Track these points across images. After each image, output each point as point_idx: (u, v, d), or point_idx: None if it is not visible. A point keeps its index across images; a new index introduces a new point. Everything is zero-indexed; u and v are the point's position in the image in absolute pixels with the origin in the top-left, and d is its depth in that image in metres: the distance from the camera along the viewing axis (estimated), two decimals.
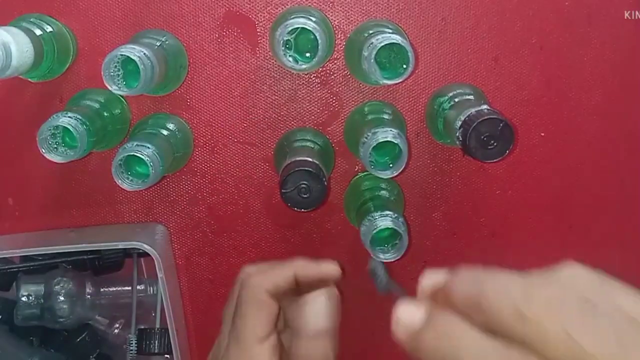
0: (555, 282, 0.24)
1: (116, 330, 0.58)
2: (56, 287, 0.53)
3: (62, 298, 0.53)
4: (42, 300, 0.53)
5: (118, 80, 0.43)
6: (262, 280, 0.38)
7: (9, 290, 0.55)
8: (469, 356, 0.23)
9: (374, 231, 0.46)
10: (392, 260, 0.48)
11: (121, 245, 0.50)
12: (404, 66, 0.44)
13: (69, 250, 0.52)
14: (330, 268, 0.38)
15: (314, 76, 0.54)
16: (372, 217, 0.47)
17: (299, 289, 0.38)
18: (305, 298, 0.37)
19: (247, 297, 0.38)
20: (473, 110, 0.44)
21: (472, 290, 0.24)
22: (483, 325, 0.24)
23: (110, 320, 0.57)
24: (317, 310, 0.37)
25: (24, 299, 0.53)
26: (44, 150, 0.45)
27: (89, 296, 0.55)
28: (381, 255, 0.48)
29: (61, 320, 0.53)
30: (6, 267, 0.53)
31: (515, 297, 0.23)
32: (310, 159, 0.46)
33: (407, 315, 0.27)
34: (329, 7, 0.53)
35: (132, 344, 0.54)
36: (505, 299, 0.23)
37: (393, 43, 0.43)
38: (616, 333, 0.22)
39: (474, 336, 0.24)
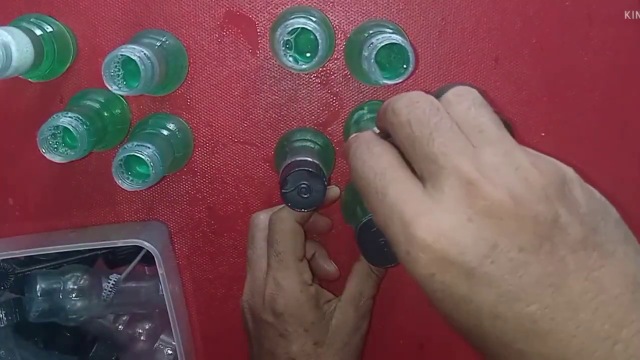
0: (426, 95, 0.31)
1: (121, 327, 0.58)
2: (68, 283, 0.53)
3: (74, 295, 0.53)
4: (54, 297, 0.53)
5: (118, 80, 0.43)
6: (290, 213, 0.49)
7: (20, 293, 0.55)
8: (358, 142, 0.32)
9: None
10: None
11: (120, 243, 0.50)
12: (404, 66, 0.44)
13: (71, 250, 0.51)
14: (332, 191, 0.52)
15: (314, 76, 0.54)
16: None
17: None
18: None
19: (282, 228, 0.48)
20: None
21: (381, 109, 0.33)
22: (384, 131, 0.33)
23: (115, 316, 0.58)
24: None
25: (36, 295, 0.53)
26: (44, 150, 0.45)
27: (102, 294, 0.55)
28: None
29: (73, 317, 0.53)
30: (22, 270, 0.53)
31: (392, 101, 0.31)
32: (310, 159, 0.46)
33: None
34: (329, 7, 0.53)
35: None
36: (387, 104, 0.32)
37: (393, 43, 0.43)
38: (425, 117, 0.29)
39: (370, 134, 0.33)
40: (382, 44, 0.42)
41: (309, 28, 0.43)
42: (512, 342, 0.27)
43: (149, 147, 0.45)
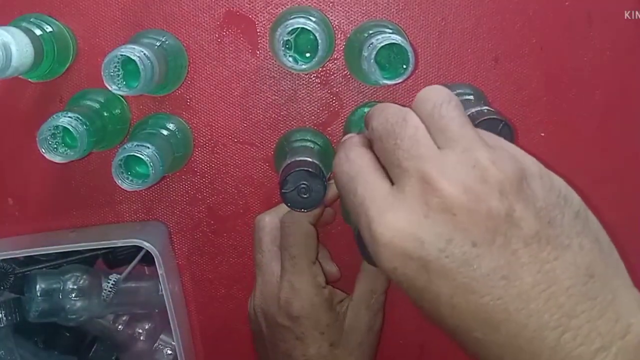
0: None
1: (120, 327, 0.58)
2: (68, 283, 0.53)
3: (74, 295, 0.53)
4: (54, 297, 0.53)
5: (118, 80, 0.43)
6: (303, 215, 0.47)
7: (20, 293, 0.54)
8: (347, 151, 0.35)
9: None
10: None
11: (120, 243, 0.50)
12: (404, 66, 0.44)
13: (71, 250, 0.51)
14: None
15: (314, 76, 0.54)
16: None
17: None
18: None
19: (296, 231, 0.48)
20: (473, 110, 0.44)
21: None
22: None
23: (115, 316, 0.58)
24: None
25: (36, 295, 0.53)
26: (44, 150, 0.45)
27: (102, 294, 0.55)
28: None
29: (73, 317, 0.53)
30: (22, 270, 0.53)
31: (367, 114, 0.35)
32: (310, 159, 0.46)
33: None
34: (329, 7, 0.53)
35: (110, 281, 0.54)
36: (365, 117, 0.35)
37: (393, 43, 0.43)
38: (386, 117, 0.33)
39: (356, 138, 0.36)
40: (382, 44, 0.42)
41: (309, 28, 0.43)
42: (469, 330, 0.29)
43: (148, 147, 0.45)
